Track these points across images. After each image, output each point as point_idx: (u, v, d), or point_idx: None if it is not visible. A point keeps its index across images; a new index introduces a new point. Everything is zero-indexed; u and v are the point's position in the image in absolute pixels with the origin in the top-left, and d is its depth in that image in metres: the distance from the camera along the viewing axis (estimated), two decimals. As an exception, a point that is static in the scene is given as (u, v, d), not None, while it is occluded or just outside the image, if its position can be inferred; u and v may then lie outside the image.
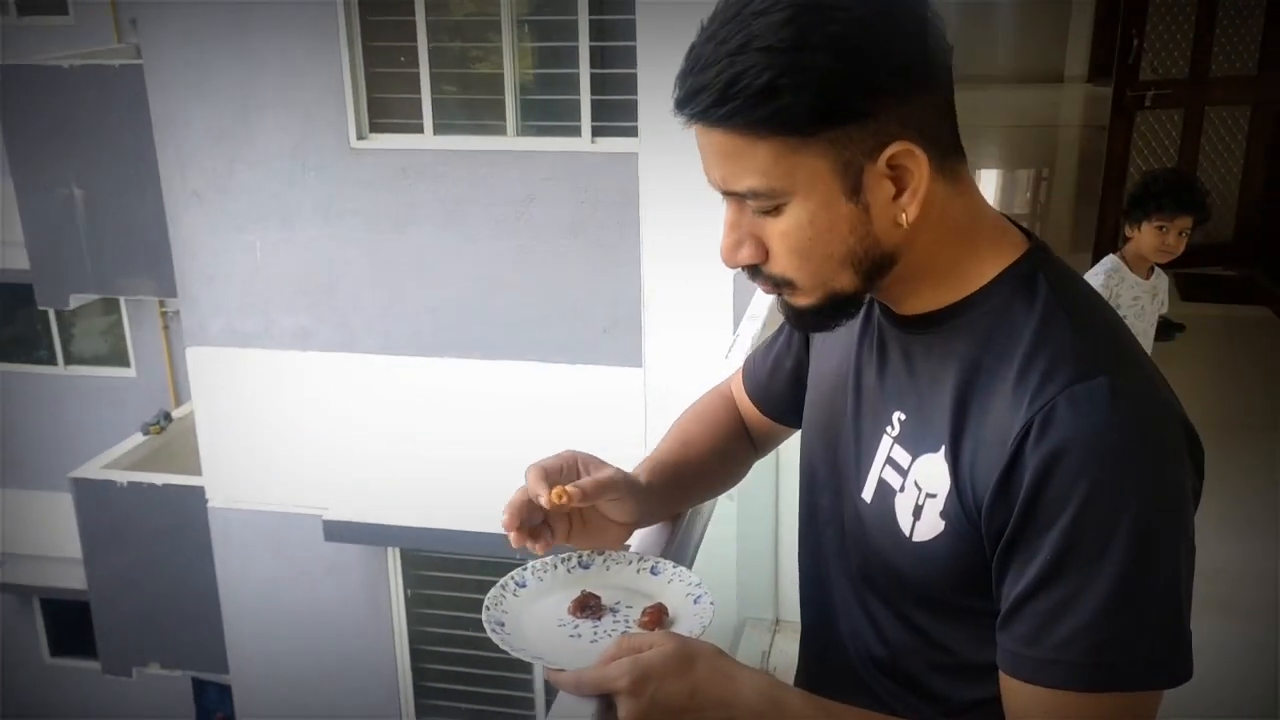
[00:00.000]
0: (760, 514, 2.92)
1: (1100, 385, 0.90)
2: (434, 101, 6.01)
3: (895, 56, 0.91)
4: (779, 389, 1.35)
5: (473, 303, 6.21)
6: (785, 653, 2.92)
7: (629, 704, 0.96)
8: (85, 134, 7.79)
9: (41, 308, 8.79)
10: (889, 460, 1.07)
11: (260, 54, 6.05)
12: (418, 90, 5.98)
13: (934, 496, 1.00)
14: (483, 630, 1.11)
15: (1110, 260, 3.84)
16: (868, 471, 1.10)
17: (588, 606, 1.15)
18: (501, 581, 1.20)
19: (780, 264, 0.98)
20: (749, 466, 1.43)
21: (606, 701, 0.98)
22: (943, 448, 0.99)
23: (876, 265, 0.99)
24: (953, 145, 0.99)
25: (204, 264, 6.40)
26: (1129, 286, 3.80)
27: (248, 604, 7.11)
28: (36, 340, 10.16)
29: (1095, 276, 3.80)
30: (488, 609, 1.14)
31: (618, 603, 1.16)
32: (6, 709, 11.21)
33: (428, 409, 6.40)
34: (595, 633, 1.12)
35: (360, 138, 6.06)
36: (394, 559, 6.73)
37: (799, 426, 1.33)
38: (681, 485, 1.32)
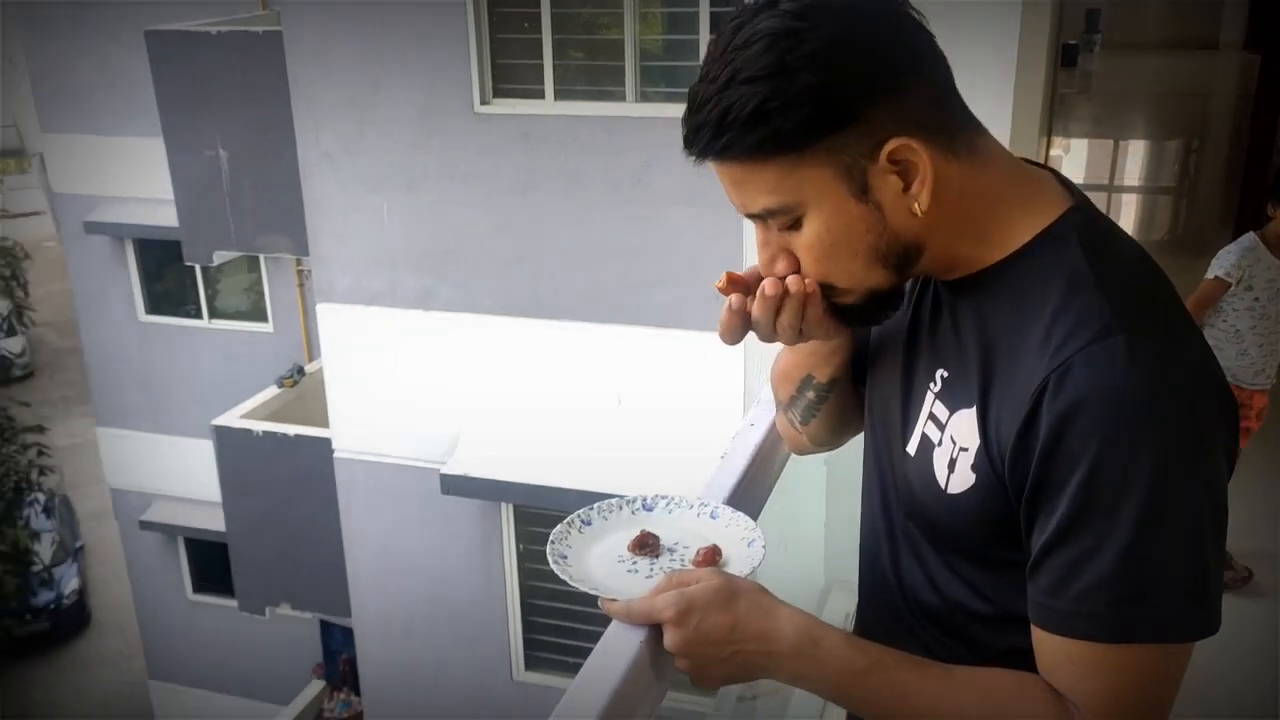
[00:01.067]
0: (850, 478, 2.92)
1: (1117, 344, 0.92)
2: (555, 67, 6.10)
3: (873, 60, 0.96)
4: (860, 353, 1.37)
5: (589, 267, 6.31)
6: (872, 617, 2.92)
7: (673, 633, 1.03)
8: (230, 97, 8.16)
9: (188, 263, 9.25)
10: (930, 415, 1.10)
11: (390, 20, 6.24)
12: (540, 56, 6.09)
13: (966, 450, 1.04)
14: (589, 621, 1.19)
15: (1248, 238, 3.68)
16: (913, 426, 1.14)
17: (646, 545, 1.21)
18: (568, 519, 1.27)
19: (814, 272, 1.04)
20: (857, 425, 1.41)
21: (655, 631, 1.05)
22: (975, 404, 1.03)
23: (904, 256, 1.03)
24: (961, 123, 1.02)
25: (334, 223, 6.66)
26: (1265, 268, 3.64)
27: (369, 551, 7.42)
28: (185, 295, 10.71)
29: (1228, 255, 3.65)
30: (553, 543, 1.22)
31: (676, 543, 1.22)
32: (153, 640, 11.95)
33: (543, 370, 6.55)
34: (652, 569, 1.18)
35: (484, 103, 6.20)
36: (507, 514, 6.93)
37: None
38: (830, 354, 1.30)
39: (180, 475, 10.69)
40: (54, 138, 10.67)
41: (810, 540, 2.84)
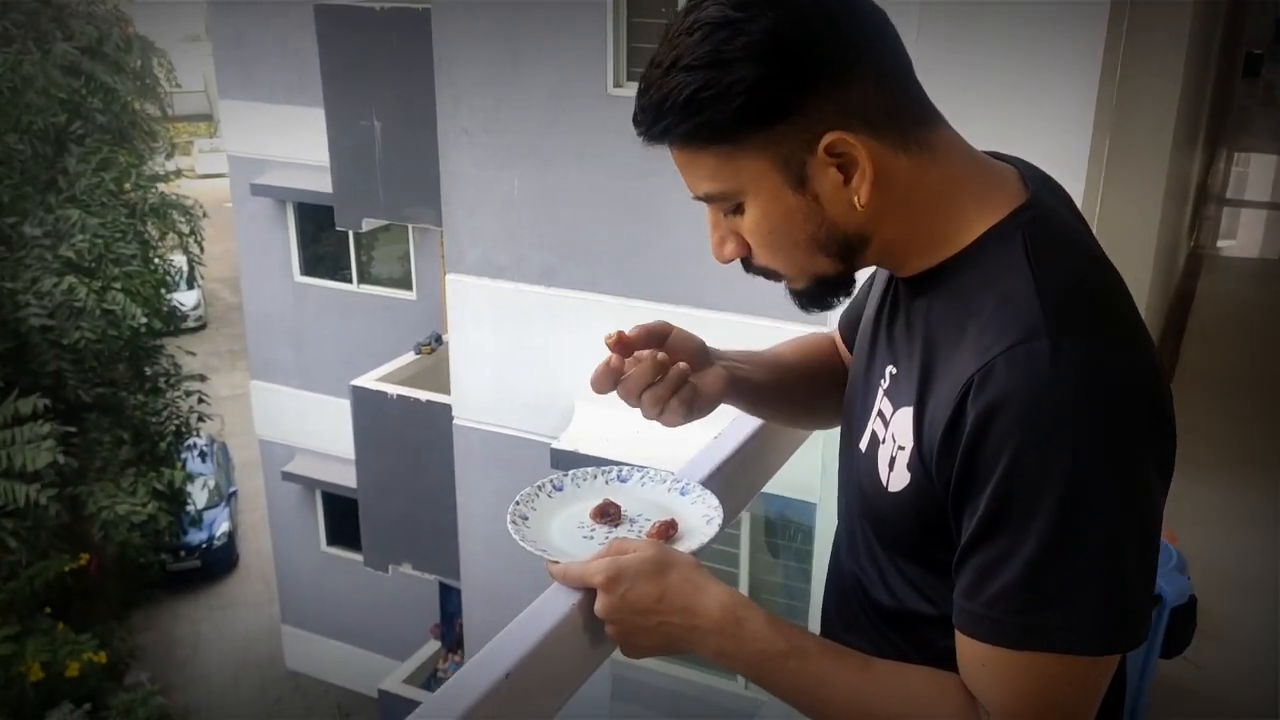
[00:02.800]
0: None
1: (1042, 347, 0.89)
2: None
3: (812, 53, 0.94)
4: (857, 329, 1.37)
5: (707, 254, 6.29)
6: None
7: (602, 599, 1.05)
8: (388, 71, 8.48)
9: (339, 229, 9.66)
10: (879, 412, 1.10)
11: (533, 2, 6.36)
12: (674, 40, 6.09)
13: (904, 449, 1.02)
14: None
15: None
16: (865, 422, 1.13)
17: (607, 514, 1.23)
18: (540, 482, 1.30)
19: (760, 257, 1.05)
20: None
21: (591, 595, 1.07)
22: (913, 402, 1.01)
23: (846, 247, 1.02)
24: (914, 116, 1.00)
25: (467, 197, 6.85)
26: None
27: (480, 519, 7.61)
28: (338, 259, 11.19)
29: None
30: (516, 504, 1.25)
31: (639, 514, 1.24)
32: (287, 586, 12.58)
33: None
34: (607, 538, 1.19)
35: (617, 85, 6.26)
36: (615, 494, 6.99)
37: None
38: (772, 377, 1.34)
39: (321, 431, 11.19)
40: (230, 104, 11.29)
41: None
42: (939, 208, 1.01)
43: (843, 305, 1.38)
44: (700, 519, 1.21)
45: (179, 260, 14.76)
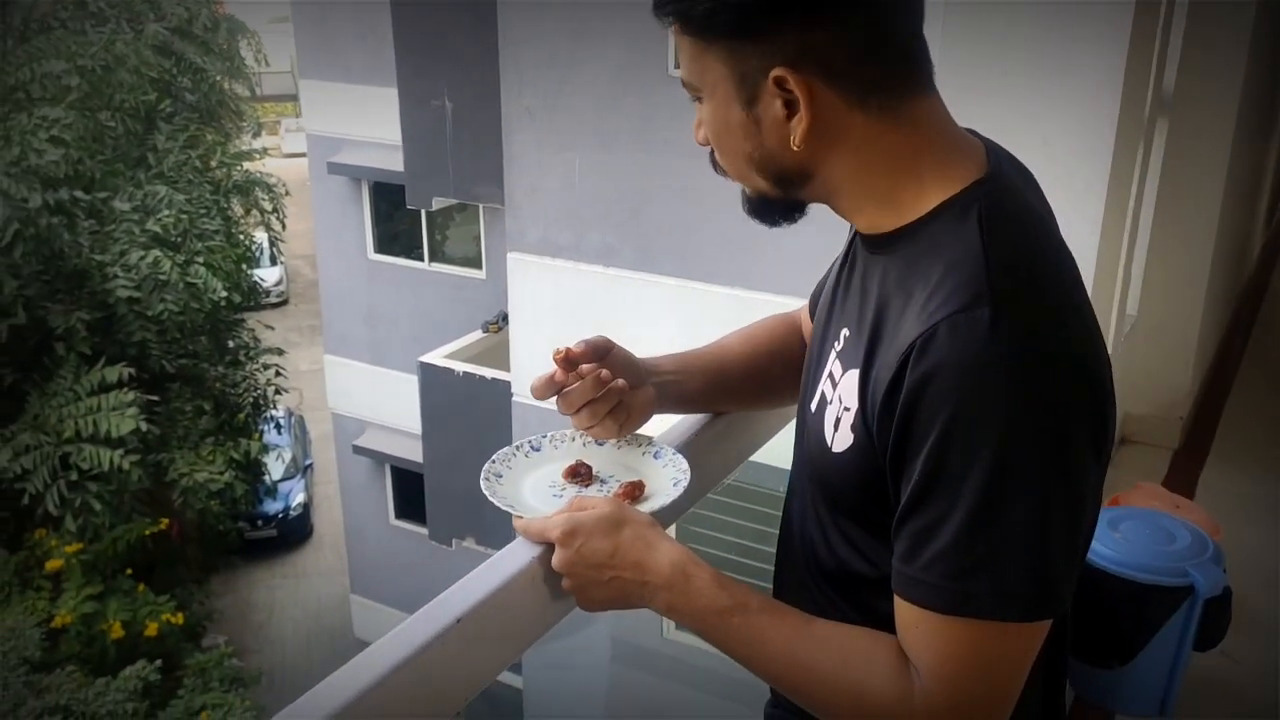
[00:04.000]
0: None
1: (982, 315, 0.91)
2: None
3: None
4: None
5: (767, 238, 6.27)
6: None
7: (559, 553, 1.10)
8: (460, 52, 8.59)
9: (410, 207, 9.82)
10: (829, 374, 1.12)
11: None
12: (735, 22, 6.07)
13: (849, 410, 1.04)
14: (751, 555, 1.30)
15: None
16: (817, 384, 1.15)
17: (578, 474, 1.27)
18: (518, 442, 1.34)
19: (716, 151, 1.08)
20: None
21: (549, 550, 1.12)
22: (860, 365, 1.03)
23: (782, 176, 1.05)
24: (888, 80, 1.01)
25: (529, 176, 6.92)
26: None
27: (538, 495, 7.68)
28: (411, 237, 11.38)
29: None
30: (492, 462, 1.30)
31: (610, 475, 1.27)
32: (357, 557, 12.86)
33: (714, 335, 6.58)
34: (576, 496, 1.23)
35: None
36: (670, 474, 7.02)
37: None
38: (708, 380, 1.40)
39: (391, 406, 11.40)
40: (310, 84, 11.53)
41: None
42: (895, 171, 1.03)
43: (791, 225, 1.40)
44: (668, 481, 1.24)
45: (261, 237, 15.17)
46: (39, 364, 10.24)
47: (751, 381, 1.42)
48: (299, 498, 15.16)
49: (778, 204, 1.08)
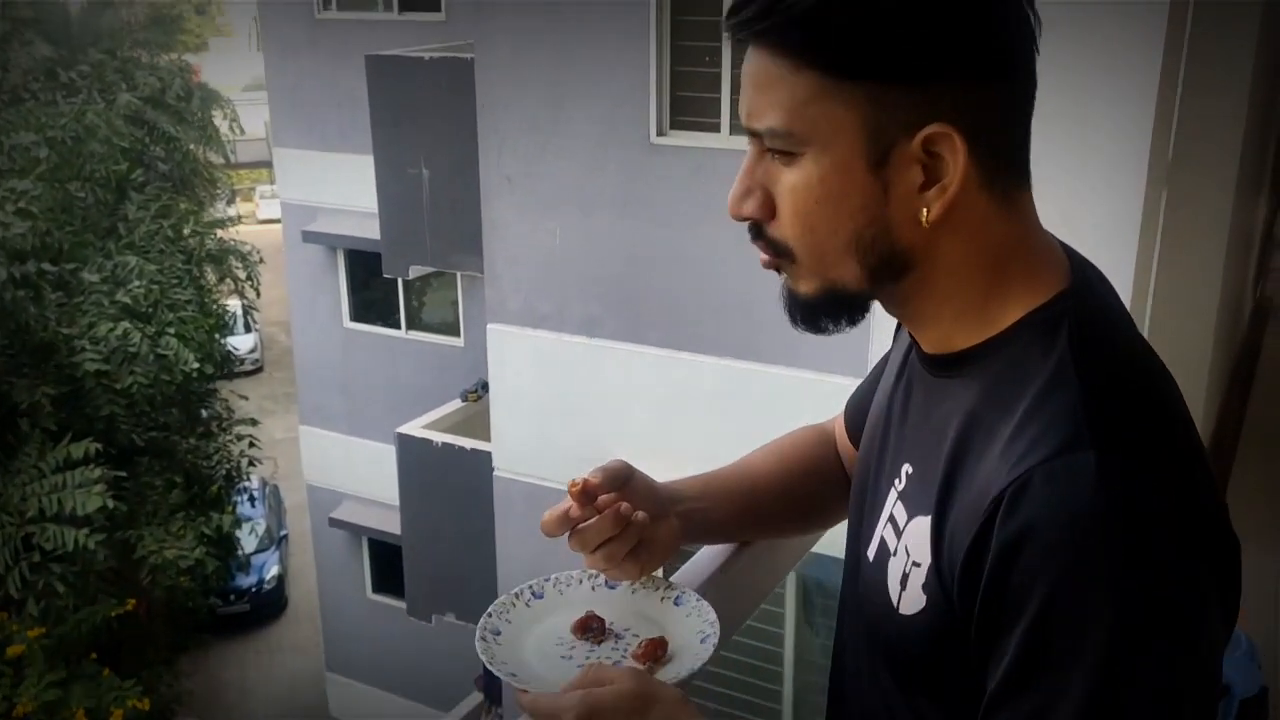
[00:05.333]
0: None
1: (1086, 461, 0.75)
2: (733, 101, 6.01)
3: (976, 32, 0.81)
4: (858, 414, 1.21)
5: (755, 306, 6.15)
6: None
7: None
8: (436, 120, 8.51)
9: (386, 276, 9.67)
10: (890, 518, 0.95)
11: (575, 49, 6.33)
12: (718, 90, 6.01)
13: (919, 566, 0.87)
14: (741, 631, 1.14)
15: None
16: (874, 527, 0.98)
17: (589, 628, 1.09)
18: (518, 589, 1.17)
19: (783, 226, 0.88)
20: (834, 508, 1.28)
21: None
22: (932, 511, 0.86)
23: (886, 262, 0.86)
24: (1014, 163, 0.86)
25: (509, 245, 6.78)
26: None
27: (522, 573, 7.45)
28: (387, 305, 11.22)
29: None
30: (489, 616, 1.12)
31: (626, 629, 1.10)
32: (333, 633, 12.52)
33: (702, 406, 6.43)
34: (588, 657, 1.06)
35: (660, 134, 6.18)
36: (657, 550, 6.82)
37: None
38: (737, 506, 1.22)
39: (369, 477, 11.17)
40: (284, 152, 11.44)
41: None
42: (992, 271, 0.87)
43: (854, 388, 1.21)
44: (694, 636, 1.06)
45: (235, 304, 14.98)
46: (2, 441, 9.95)
47: (787, 506, 1.24)
48: (273, 570, 14.84)
49: (851, 301, 0.90)
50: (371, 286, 11.18)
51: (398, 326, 11.16)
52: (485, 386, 9.90)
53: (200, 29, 34.67)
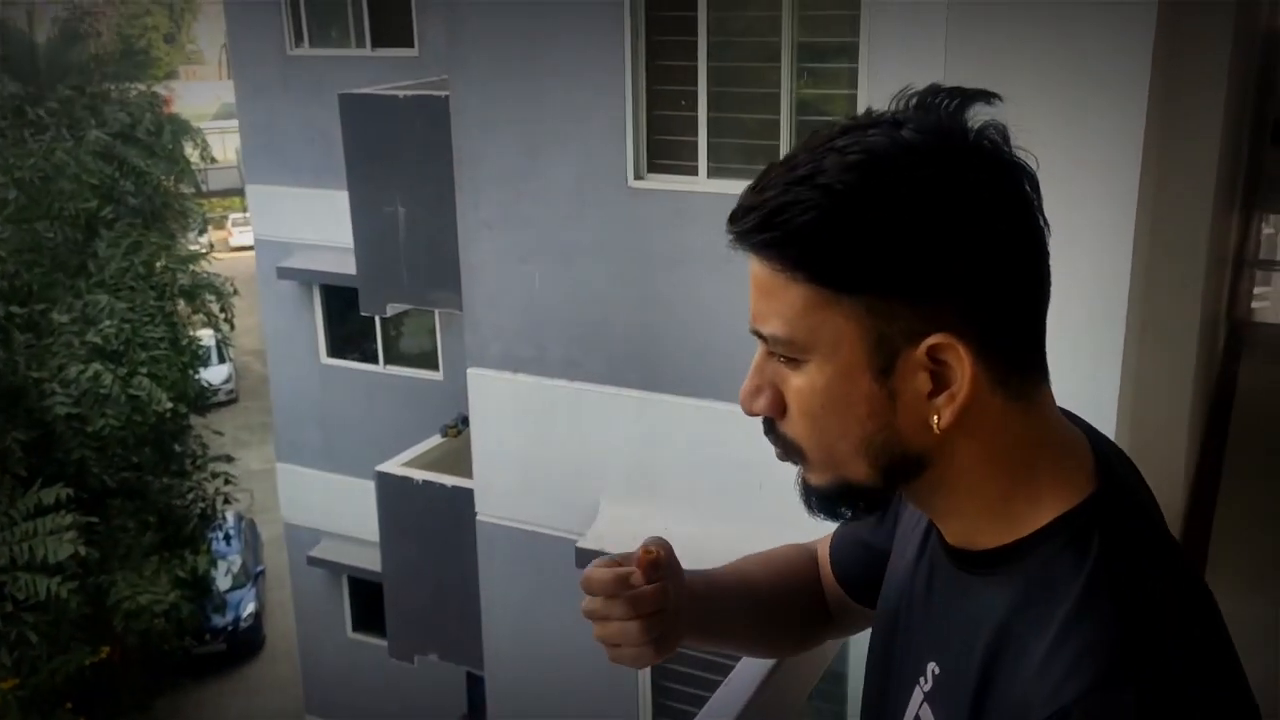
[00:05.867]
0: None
1: (1126, 700, 0.73)
2: (710, 145, 5.98)
3: (974, 240, 0.79)
4: (858, 564, 1.17)
5: (736, 347, 6.11)
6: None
7: None
8: (411, 157, 8.42)
9: (364, 314, 9.56)
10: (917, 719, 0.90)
11: (551, 93, 6.29)
12: (695, 133, 5.98)
13: None
14: (726, 670, 1.10)
15: None
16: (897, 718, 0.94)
17: None
18: None
19: (793, 425, 0.87)
20: (820, 632, 1.26)
21: None
22: None
23: (898, 465, 0.84)
24: (1027, 361, 0.84)
25: (488, 289, 6.72)
26: None
27: (506, 616, 7.39)
28: (364, 340, 11.10)
29: None
30: None
31: None
32: (312, 674, 12.33)
33: (685, 447, 6.38)
34: None
35: (638, 178, 6.13)
36: (642, 594, 6.75)
37: (873, 608, 1.16)
38: (736, 601, 1.17)
39: (348, 514, 11.02)
40: (257, 188, 11.32)
41: None
42: (1015, 470, 0.84)
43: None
44: None
45: (208, 337, 14.81)
46: (-28, 489, 9.77)
47: (778, 610, 1.20)
48: (249, 608, 14.59)
49: (866, 496, 0.88)
50: (348, 321, 11.05)
51: (375, 361, 11.04)
52: (465, 421, 9.80)
53: (170, 57, 34.46)
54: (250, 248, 12.97)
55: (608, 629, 1.02)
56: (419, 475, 8.92)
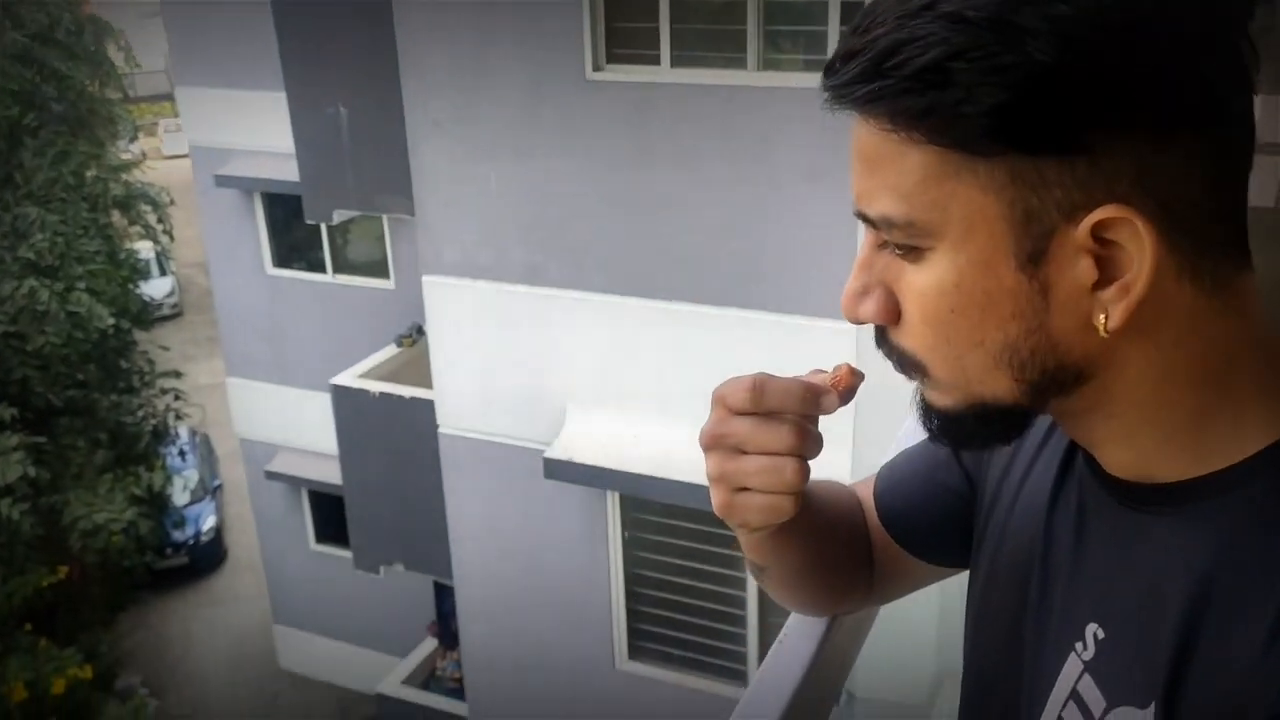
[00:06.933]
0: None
1: None
2: (673, 32, 5.66)
3: (1151, 77, 0.59)
4: (919, 507, 0.98)
5: (703, 245, 5.91)
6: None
7: None
8: (352, 56, 7.99)
9: (309, 221, 9.21)
10: (1074, 696, 0.73)
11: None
12: (656, 19, 5.65)
13: None
14: (698, 578, 0.90)
15: None
16: (1044, 699, 0.76)
17: None
18: None
19: (910, 335, 0.69)
20: (861, 590, 1.05)
21: None
22: (1153, 704, 0.65)
23: (1050, 378, 0.66)
24: (1227, 240, 0.64)
25: (441, 193, 6.42)
26: None
27: (472, 528, 7.29)
28: (310, 249, 10.73)
29: None
30: None
31: None
32: (277, 586, 12.27)
33: (652, 352, 6.22)
34: None
35: (596, 69, 5.81)
36: (613, 501, 6.67)
37: (935, 564, 1.00)
38: (816, 509, 0.95)
39: (304, 428, 10.82)
40: (188, 90, 10.78)
41: (921, 625, 2.50)
42: (1207, 384, 0.66)
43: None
44: None
45: (147, 249, 14.32)
46: (-90, 415, 9.43)
47: (831, 539, 0.99)
48: (209, 522, 14.47)
49: (1007, 417, 0.70)
50: (293, 229, 10.66)
51: (323, 270, 10.69)
52: (420, 330, 9.56)
53: (85, -48, 32.64)
54: (184, 155, 12.41)
55: (749, 464, 0.78)
56: (375, 387, 8.73)
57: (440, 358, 6.86)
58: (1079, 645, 0.73)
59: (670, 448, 6.17)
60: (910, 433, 1.23)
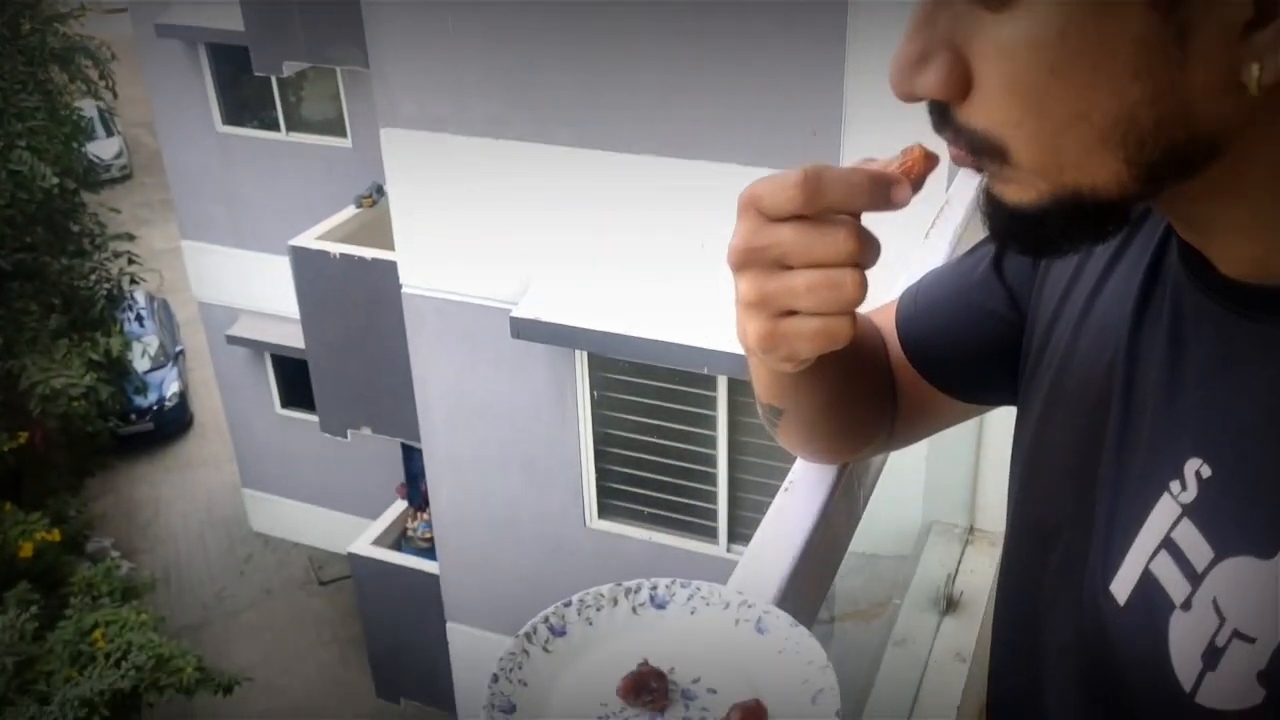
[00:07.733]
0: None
1: None
2: None
3: None
4: (950, 336, 0.86)
5: (674, 97, 5.67)
6: (977, 571, 2.53)
7: None
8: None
9: (257, 74, 8.80)
10: (1167, 545, 0.61)
11: None
12: None
13: (1248, 640, 0.55)
14: (668, 436, 0.78)
15: None
16: (1124, 549, 0.63)
17: (644, 689, 0.74)
18: (528, 628, 0.78)
19: (987, 110, 0.54)
20: (883, 430, 0.92)
21: None
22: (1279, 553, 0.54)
23: (1173, 158, 0.52)
24: None
25: (396, 40, 6.09)
26: None
27: (439, 389, 7.20)
28: (263, 105, 10.30)
29: None
30: (495, 681, 0.74)
31: (695, 680, 0.76)
32: (245, 450, 12.24)
33: (621, 208, 6.02)
34: None
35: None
36: (581, 360, 6.57)
37: (971, 401, 0.88)
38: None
39: (264, 291, 10.61)
40: (124, -68, 10.15)
41: (908, 476, 2.44)
42: None
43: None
44: (798, 685, 0.73)
45: (91, 108, 13.73)
46: None
47: (857, 375, 0.86)
48: (173, 387, 14.36)
49: (1104, 213, 0.56)
50: (243, 84, 10.20)
51: (276, 128, 10.29)
52: (381, 190, 9.28)
53: None
54: (123, 9, 11.80)
55: (798, 280, 0.64)
56: (336, 249, 8.51)
57: (401, 214, 6.64)
58: (1174, 485, 0.61)
59: (638, 306, 6.06)
60: (923, 263, 1.10)
